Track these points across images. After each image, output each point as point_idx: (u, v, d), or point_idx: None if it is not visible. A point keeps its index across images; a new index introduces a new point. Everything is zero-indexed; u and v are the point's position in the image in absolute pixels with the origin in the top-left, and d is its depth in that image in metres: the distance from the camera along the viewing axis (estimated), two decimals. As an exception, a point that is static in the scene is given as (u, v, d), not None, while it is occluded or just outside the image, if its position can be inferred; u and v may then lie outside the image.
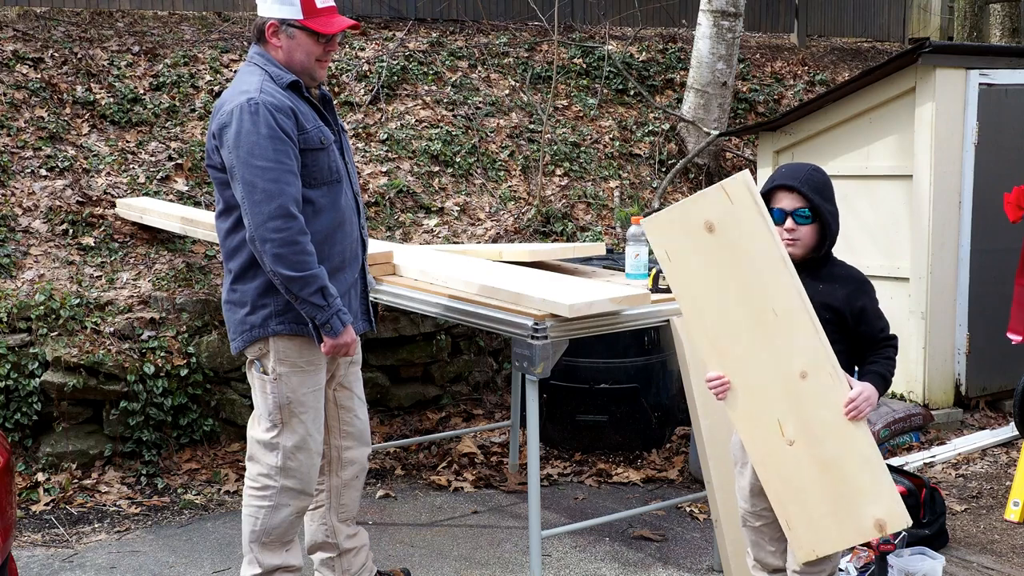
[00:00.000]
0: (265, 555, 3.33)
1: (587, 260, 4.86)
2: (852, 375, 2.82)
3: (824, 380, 2.69)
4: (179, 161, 6.20)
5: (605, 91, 8.12)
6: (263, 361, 3.24)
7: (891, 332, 2.86)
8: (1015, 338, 4.56)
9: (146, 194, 5.93)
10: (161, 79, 6.80)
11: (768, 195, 2.87)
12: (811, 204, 2.81)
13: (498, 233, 6.43)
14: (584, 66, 8.30)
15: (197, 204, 5.95)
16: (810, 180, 2.83)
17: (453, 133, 7.15)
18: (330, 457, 3.53)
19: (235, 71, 7.13)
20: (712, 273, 2.80)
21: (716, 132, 7.43)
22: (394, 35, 7.95)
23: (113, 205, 5.76)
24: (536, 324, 3.44)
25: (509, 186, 6.95)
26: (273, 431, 3.27)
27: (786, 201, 2.83)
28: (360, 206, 3.44)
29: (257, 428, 3.32)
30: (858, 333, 2.83)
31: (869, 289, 2.87)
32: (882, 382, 2.77)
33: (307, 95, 3.26)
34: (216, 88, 6.90)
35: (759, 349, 2.76)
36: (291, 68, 3.22)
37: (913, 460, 5.01)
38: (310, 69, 3.24)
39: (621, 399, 5.12)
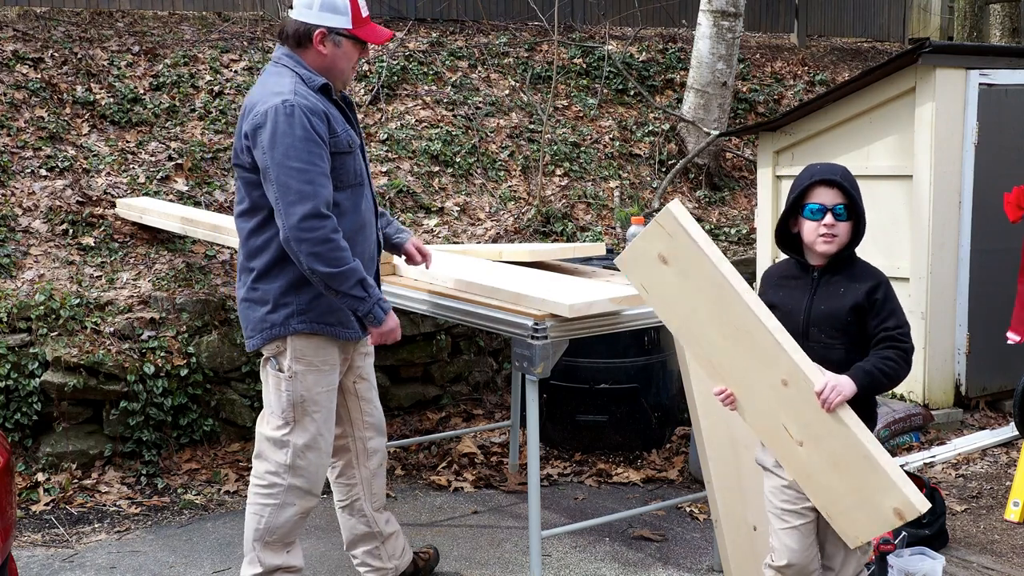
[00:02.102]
0: (267, 554, 3.34)
1: (587, 260, 4.86)
2: None
3: (802, 385, 2.70)
4: (179, 161, 6.20)
5: (605, 91, 8.12)
6: (279, 359, 3.27)
7: (905, 337, 2.79)
8: (1014, 338, 4.55)
9: (146, 194, 5.93)
10: (161, 79, 6.80)
11: (804, 192, 2.86)
12: (850, 200, 2.81)
13: (498, 233, 6.43)
14: (584, 66, 8.30)
15: (197, 204, 5.95)
16: (847, 177, 2.85)
17: (453, 133, 7.15)
18: (356, 450, 3.58)
19: (235, 71, 7.14)
20: (682, 299, 2.90)
21: (716, 132, 7.43)
22: (394, 35, 7.96)
23: (113, 205, 5.76)
24: (536, 324, 3.44)
25: (509, 186, 6.95)
26: (284, 428, 3.29)
27: (826, 196, 2.83)
28: (377, 209, 3.50)
29: (266, 426, 3.34)
30: (867, 327, 2.80)
31: (887, 288, 2.85)
32: (862, 374, 2.72)
33: (334, 98, 3.30)
34: (216, 88, 6.90)
35: (743, 363, 2.81)
36: (329, 73, 3.27)
37: (913, 460, 5.01)
38: (347, 76, 3.32)
39: (621, 399, 5.12)
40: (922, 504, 2.61)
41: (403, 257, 3.82)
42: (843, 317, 2.80)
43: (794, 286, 2.93)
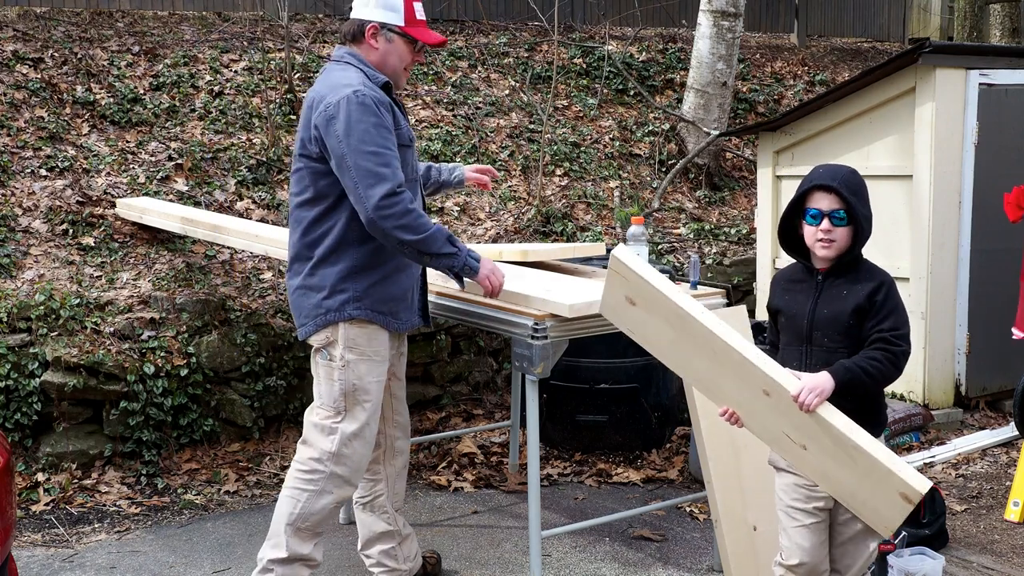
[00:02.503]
0: (295, 541, 3.37)
1: (587, 260, 4.85)
2: None
3: (781, 393, 2.71)
4: (179, 161, 6.20)
5: (605, 91, 8.12)
6: (330, 349, 3.33)
7: (898, 339, 2.73)
8: (1019, 334, 4.55)
9: (146, 194, 5.93)
10: (161, 79, 6.80)
11: (805, 195, 2.86)
12: (848, 205, 2.78)
13: (498, 233, 6.43)
14: (584, 66, 8.30)
15: (197, 204, 5.95)
16: (848, 182, 2.81)
17: (453, 133, 7.15)
18: (385, 447, 3.64)
19: (235, 71, 7.14)
20: (659, 334, 2.97)
21: (716, 132, 7.42)
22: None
23: (113, 205, 5.76)
24: (536, 324, 3.44)
25: (509, 186, 6.95)
26: (335, 417, 3.34)
27: (823, 202, 2.81)
28: (426, 205, 3.61)
29: (315, 415, 3.39)
30: (864, 327, 2.77)
31: (890, 289, 2.80)
32: (843, 371, 2.69)
33: (393, 96, 3.41)
34: (216, 88, 6.90)
35: (730, 382, 2.83)
36: (382, 70, 3.39)
37: (913, 460, 5.01)
38: (398, 74, 3.43)
39: (621, 399, 5.12)
40: (922, 484, 2.56)
41: (475, 187, 3.98)
42: (845, 320, 2.79)
43: (799, 290, 2.92)
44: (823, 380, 2.67)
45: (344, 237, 3.28)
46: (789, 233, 2.96)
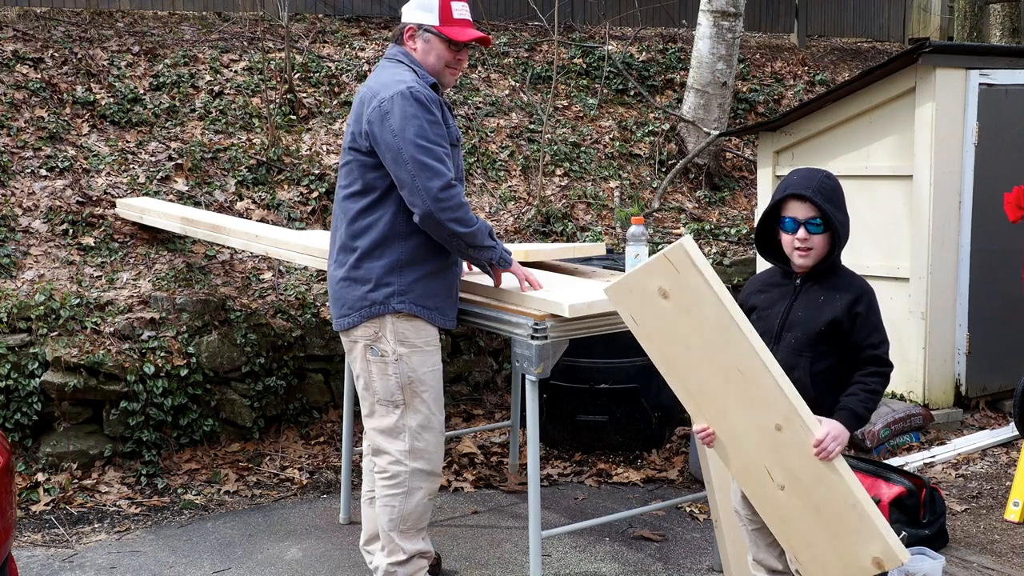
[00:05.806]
0: (405, 542, 3.46)
1: (587, 260, 4.85)
2: (842, 391, 2.78)
3: (798, 431, 2.67)
4: (179, 161, 6.20)
5: (605, 91, 8.12)
6: (379, 345, 3.37)
7: (885, 356, 2.77)
8: None
9: (146, 194, 5.93)
10: (161, 79, 6.80)
11: (779, 203, 2.85)
12: (823, 213, 2.77)
13: (498, 233, 6.43)
14: (584, 66, 8.30)
15: (197, 204, 5.95)
16: (823, 189, 2.80)
17: (453, 133, 7.14)
18: None
19: (235, 71, 7.14)
20: (677, 335, 2.82)
21: (716, 132, 7.42)
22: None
23: (113, 205, 5.76)
24: (536, 324, 3.44)
25: (509, 186, 6.95)
26: (395, 412, 3.39)
27: (798, 210, 2.80)
28: None
29: (376, 418, 3.43)
30: (850, 342, 2.77)
31: (871, 300, 2.81)
32: (855, 420, 2.70)
33: (441, 97, 3.45)
34: (216, 88, 6.90)
35: (733, 404, 2.77)
36: (424, 70, 3.44)
37: (913, 460, 5.01)
38: (440, 73, 3.48)
39: (621, 399, 5.12)
40: (903, 554, 2.60)
41: None
42: (819, 327, 2.77)
43: (776, 291, 2.92)
44: (842, 430, 2.67)
45: (390, 231, 3.34)
46: (767, 237, 2.95)
